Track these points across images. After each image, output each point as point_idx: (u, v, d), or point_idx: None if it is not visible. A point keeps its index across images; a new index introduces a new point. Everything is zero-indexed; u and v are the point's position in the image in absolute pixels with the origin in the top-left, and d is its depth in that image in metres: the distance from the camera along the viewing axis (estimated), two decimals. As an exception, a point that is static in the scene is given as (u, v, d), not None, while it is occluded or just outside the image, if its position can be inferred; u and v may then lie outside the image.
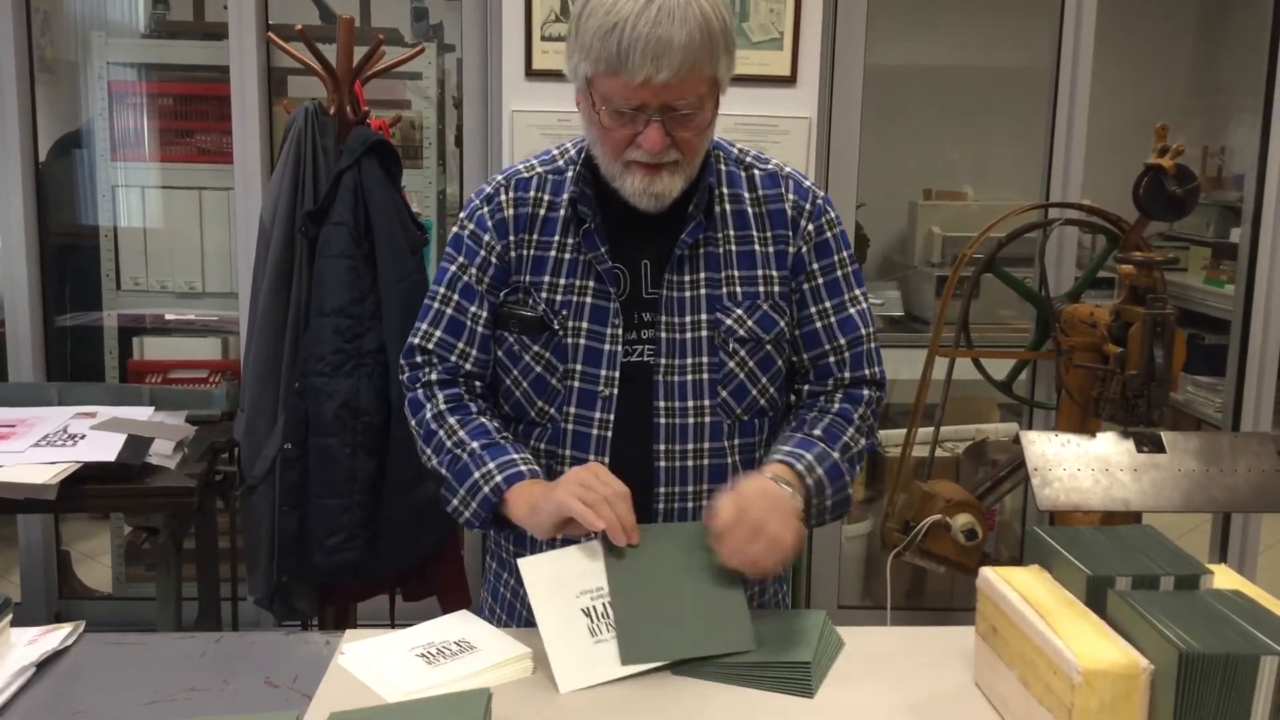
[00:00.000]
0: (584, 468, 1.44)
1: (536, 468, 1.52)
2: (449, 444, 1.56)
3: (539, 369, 1.56)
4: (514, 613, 1.65)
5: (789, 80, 3.02)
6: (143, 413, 2.58)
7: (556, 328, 1.54)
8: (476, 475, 1.51)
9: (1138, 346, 2.48)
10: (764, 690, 1.33)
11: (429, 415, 1.59)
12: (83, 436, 2.37)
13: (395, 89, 3.60)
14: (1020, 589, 1.28)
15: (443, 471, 1.56)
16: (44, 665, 1.37)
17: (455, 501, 1.54)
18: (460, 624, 1.47)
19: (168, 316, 3.56)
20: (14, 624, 1.43)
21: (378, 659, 1.38)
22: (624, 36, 1.35)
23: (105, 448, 2.30)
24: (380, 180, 2.44)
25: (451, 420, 1.57)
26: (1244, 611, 1.15)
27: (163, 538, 2.40)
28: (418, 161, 3.56)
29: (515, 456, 1.52)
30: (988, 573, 1.34)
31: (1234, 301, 3.54)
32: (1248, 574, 1.30)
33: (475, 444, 1.53)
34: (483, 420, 1.57)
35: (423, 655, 1.38)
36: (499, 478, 1.49)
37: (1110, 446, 2.44)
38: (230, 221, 3.39)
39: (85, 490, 2.24)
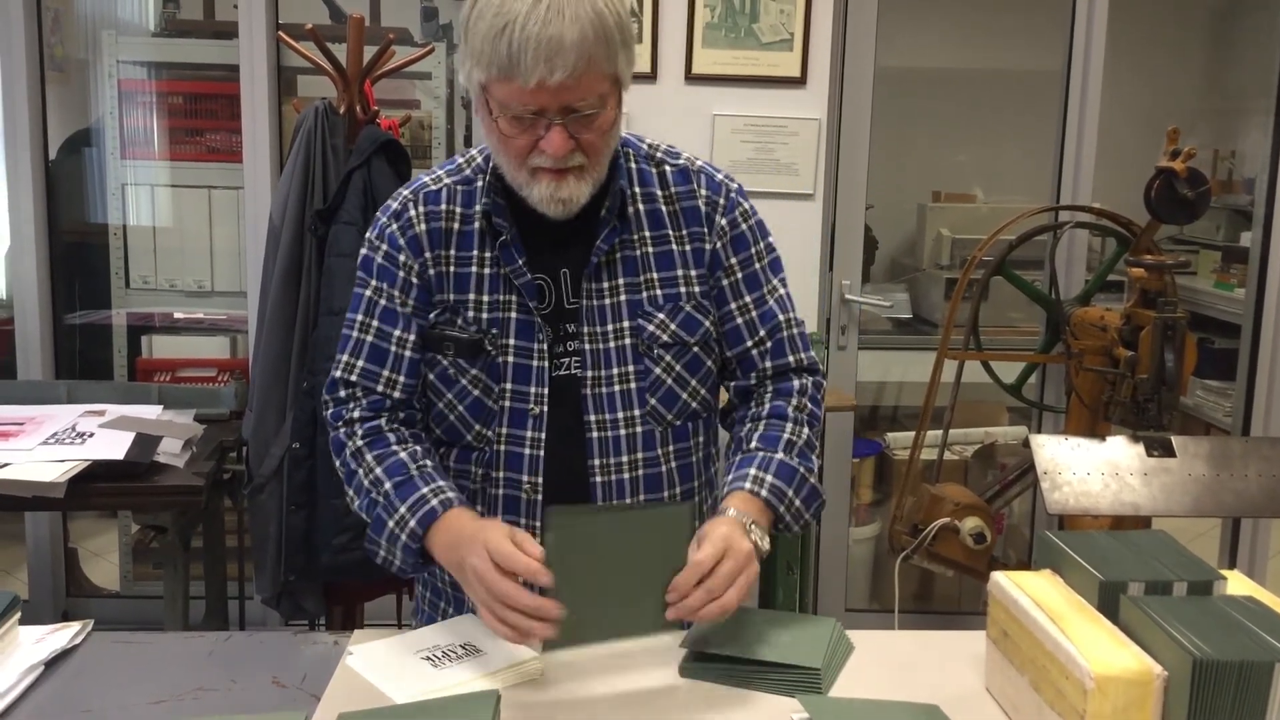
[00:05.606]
0: (493, 547, 1.30)
1: (450, 496, 1.43)
2: (367, 484, 1.48)
3: (476, 392, 1.49)
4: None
5: (799, 81, 3.02)
6: (151, 411, 2.58)
7: (489, 348, 1.48)
8: (391, 524, 1.44)
9: (1148, 350, 2.47)
10: (774, 694, 1.32)
11: (349, 454, 1.51)
12: (91, 434, 2.37)
13: (405, 89, 3.59)
14: (1032, 594, 1.27)
15: (365, 518, 1.49)
16: (52, 664, 1.37)
17: (383, 553, 1.47)
18: (468, 627, 1.47)
19: (176, 315, 3.56)
20: (22, 622, 1.43)
21: (386, 660, 1.38)
22: (514, 39, 1.28)
23: (113, 446, 2.30)
24: (390, 180, 2.44)
25: (369, 457, 1.49)
26: (1258, 618, 1.14)
27: (170, 536, 2.40)
28: (426, 161, 3.56)
29: (426, 490, 1.43)
30: (999, 577, 1.33)
31: (1244, 305, 3.53)
32: (1257, 579, 1.29)
33: (389, 484, 1.45)
34: (399, 454, 1.48)
35: (429, 659, 1.38)
36: (412, 522, 1.42)
37: (1120, 450, 2.43)
38: (239, 220, 3.40)
39: (93, 488, 2.25)
